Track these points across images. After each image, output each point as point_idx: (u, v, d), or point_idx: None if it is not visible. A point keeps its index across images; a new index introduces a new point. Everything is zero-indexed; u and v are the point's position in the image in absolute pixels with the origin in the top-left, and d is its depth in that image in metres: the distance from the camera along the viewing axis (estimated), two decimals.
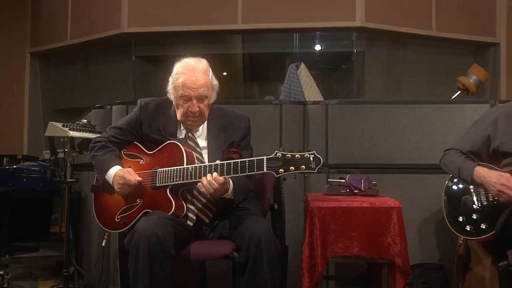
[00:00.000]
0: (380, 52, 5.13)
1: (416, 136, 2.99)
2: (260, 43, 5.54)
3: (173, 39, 5.19)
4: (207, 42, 5.40)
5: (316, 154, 1.97)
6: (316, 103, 3.11)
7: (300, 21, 4.75)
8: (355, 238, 2.12)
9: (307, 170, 1.96)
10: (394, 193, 2.98)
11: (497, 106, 2.44)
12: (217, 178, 2.06)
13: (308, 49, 5.40)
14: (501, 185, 2.11)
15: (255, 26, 4.84)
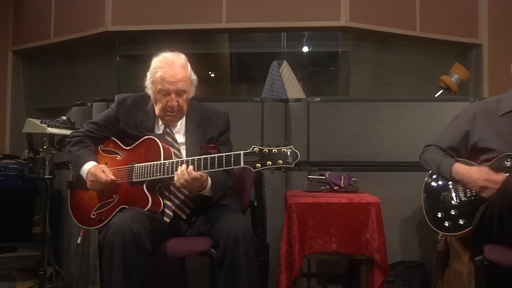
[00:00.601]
0: (365, 52, 5.14)
1: (398, 133, 2.99)
2: (247, 43, 5.52)
3: (157, 38, 5.14)
4: (194, 41, 5.37)
5: (293, 149, 1.95)
6: (297, 100, 3.10)
7: (285, 20, 4.74)
8: (333, 234, 2.10)
9: (284, 165, 1.94)
10: (376, 190, 2.96)
11: (475, 102, 2.45)
12: (190, 171, 2.03)
13: (295, 49, 5.39)
14: (484, 180, 2.10)
15: (240, 25, 4.83)
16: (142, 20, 4.93)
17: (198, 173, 2.04)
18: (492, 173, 2.09)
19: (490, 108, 2.30)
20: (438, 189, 2.33)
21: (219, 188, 2.22)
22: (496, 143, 2.20)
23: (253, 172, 2.50)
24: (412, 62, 5.29)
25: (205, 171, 2.06)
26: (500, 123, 2.24)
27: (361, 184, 2.93)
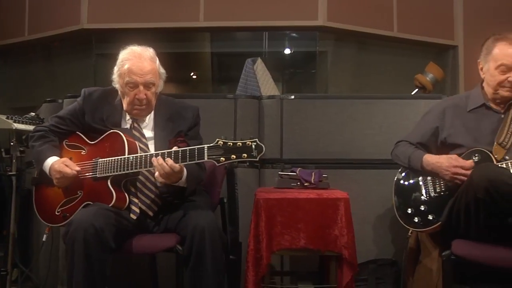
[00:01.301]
0: (344, 52, 5.15)
1: (371, 131, 2.98)
2: (228, 42, 5.49)
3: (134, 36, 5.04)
4: (173, 40, 5.31)
5: (258, 142, 1.91)
6: (271, 97, 3.07)
7: (263, 19, 4.72)
8: (301, 230, 2.07)
9: (248, 159, 1.90)
10: (349, 188, 2.93)
11: (445, 98, 2.45)
12: (172, 164, 1.98)
13: (276, 49, 5.37)
14: (454, 167, 2.10)
15: (217, 24, 4.79)
16: (119, 18, 4.86)
17: (179, 164, 1.99)
18: (460, 159, 2.10)
19: (458, 104, 2.31)
20: (408, 185, 2.33)
21: (193, 180, 2.18)
22: (464, 138, 2.20)
23: (223, 168, 2.49)
24: (390, 62, 5.31)
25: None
26: (468, 119, 2.25)
27: (335, 182, 2.91)
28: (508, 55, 2.12)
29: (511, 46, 2.13)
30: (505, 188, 1.78)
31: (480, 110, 2.25)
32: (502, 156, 2.11)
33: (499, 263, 1.89)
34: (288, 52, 5.50)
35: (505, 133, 2.14)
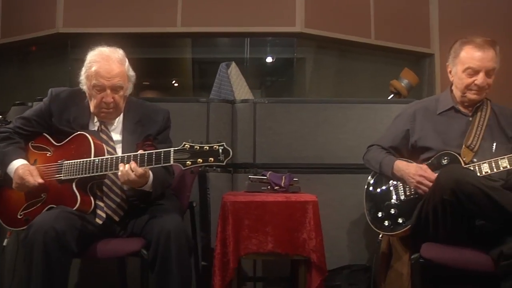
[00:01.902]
0: (322, 59, 5.15)
1: (345, 135, 2.97)
2: (209, 48, 5.45)
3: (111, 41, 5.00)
4: (154, 45, 5.27)
5: (226, 146, 1.88)
6: (244, 101, 3.04)
7: (240, 25, 4.70)
8: (269, 233, 2.04)
9: (215, 163, 1.87)
10: (323, 193, 2.92)
11: (415, 101, 2.45)
12: (136, 169, 1.94)
13: (258, 55, 5.35)
14: (420, 176, 2.09)
15: (195, 30, 4.76)
16: (95, 22, 4.80)
17: (143, 169, 1.95)
18: (428, 170, 2.09)
19: (428, 107, 2.31)
20: (379, 189, 2.32)
21: (159, 184, 2.14)
22: (434, 141, 2.20)
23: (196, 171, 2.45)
24: (368, 69, 5.33)
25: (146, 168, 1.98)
26: (438, 121, 2.25)
27: (308, 187, 2.88)
28: (475, 58, 2.13)
29: (477, 49, 2.13)
30: (470, 189, 1.77)
31: (449, 113, 2.26)
32: (470, 158, 2.11)
33: (467, 265, 1.89)
34: (269, 59, 5.50)
35: (473, 136, 2.15)
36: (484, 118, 2.19)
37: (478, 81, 2.13)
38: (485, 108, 2.23)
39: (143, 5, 4.78)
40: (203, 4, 4.75)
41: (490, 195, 1.76)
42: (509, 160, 1.98)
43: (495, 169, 2.00)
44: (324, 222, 2.88)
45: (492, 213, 1.79)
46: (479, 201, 1.77)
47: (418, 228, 2.04)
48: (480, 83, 2.12)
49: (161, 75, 6.30)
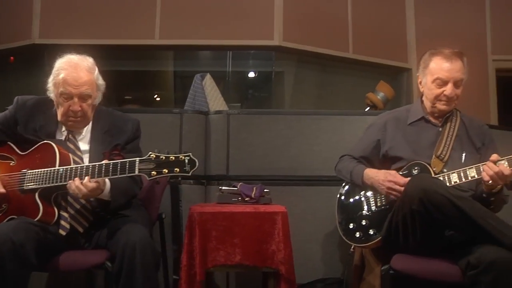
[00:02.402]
0: (300, 73, 5.16)
1: (319, 147, 2.96)
2: (191, 61, 5.43)
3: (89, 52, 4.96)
4: (135, 58, 5.22)
5: (192, 157, 1.86)
6: (218, 112, 3.02)
7: (217, 38, 4.70)
8: (237, 245, 1.99)
9: (181, 173, 1.84)
10: (297, 205, 2.92)
11: (387, 112, 2.44)
12: (86, 184, 1.90)
13: (238, 69, 5.34)
14: (389, 181, 2.08)
15: (172, 42, 4.74)
16: (72, 33, 4.74)
17: (94, 181, 1.90)
18: (398, 176, 2.07)
19: (399, 118, 2.30)
20: (350, 200, 2.30)
21: (121, 193, 2.08)
22: (404, 151, 2.19)
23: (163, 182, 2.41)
24: (348, 83, 5.35)
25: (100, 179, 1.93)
26: (409, 132, 2.24)
27: (282, 199, 2.85)
28: (443, 69, 2.14)
29: (445, 60, 2.14)
30: (438, 199, 1.76)
31: (419, 123, 2.26)
32: (440, 168, 2.11)
33: (436, 276, 1.86)
34: (251, 72, 5.49)
35: (443, 146, 2.14)
36: (454, 129, 2.20)
37: (446, 92, 2.13)
38: (455, 118, 2.24)
39: (121, 17, 4.75)
40: (182, 17, 4.75)
41: (457, 205, 1.75)
42: (476, 169, 1.97)
43: (463, 179, 1.99)
44: (298, 234, 2.86)
45: (459, 223, 1.78)
46: (447, 211, 1.76)
47: (389, 239, 2.01)
48: (448, 94, 2.13)
49: (143, 89, 6.25)
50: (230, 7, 4.78)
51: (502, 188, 1.99)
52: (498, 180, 1.89)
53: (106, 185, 2.01)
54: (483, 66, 5.16)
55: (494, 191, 1.98)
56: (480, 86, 5.12)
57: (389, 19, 5.23)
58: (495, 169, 1.88)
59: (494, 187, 1.96)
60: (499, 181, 1.90)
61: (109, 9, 4.79)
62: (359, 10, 5.07)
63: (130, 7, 4.79)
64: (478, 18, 5.19)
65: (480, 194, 2.04)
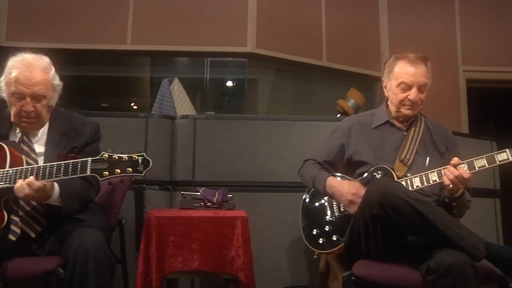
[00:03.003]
0: (274, 80, 5.13)
1: (287, 153, 2.92)
2: (169, 67, 5.36)
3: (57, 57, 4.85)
4: (108, 64, 5.13)
5: (146, 156, 1.80)
6: (184, 117, 2.96)
7: (190, 44, 4.64)
8: (195, 251, 1.93)
9: (134, 173, 1.78)
10: (264, 212, 2.87)
11: (352, 116, 2.42)
12: (32, 182, 1.81)
13: (216, 75, 5.28)
14: (352, 194, 2.04)
15: (144, 48, 4.66)
16: (40, 37, 4.64)
17: (41, 182, 1.83)
18: (361, 188, 2.03)
19: (364, 122, 2.28)
20: (314, 205, 2.26)
21: (73, 197, 2.01)
22: (368, 156, 2.16)
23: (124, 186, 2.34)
24: (322, 91, 5.34)
25: (51, 180, 1.85)
26: (373, 136, 2.21)
27: (249, 205, 2.80)
28: (407, 73, 2.12)
29: (410, 64, 2.13)
30: (397, 202, 1.72)
31: (384, 127, 2.23)
32: (404, 173, 2.08)
33: (398, 282, 1.82)
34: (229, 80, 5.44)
35: (407, 150, 2.12)
36: (418, 133, 2.18)
37: (411, 96, 2.11)
38: (419, 123, 2.22)
39: (93, 21, 4.66)
40: (154, 23, 4.68)
41: (417, 209, 1.71)
42: (438, 173, 1.95)
43: (425, 183, 1.97)
44: (265, 241, 2.82)
45: (420, 227, 1.74)
46: (407, 215, 1.72)
47: (352, 245, 1.97)
48: (413, 98, 2.11)
49: (120, 96, 6.15)
50: (204, 13, 4.74)
51: (463, 193, 1.97)
52: (458, 184, 1.87)
53: (54, 189, 1.93)
54: (455, 76, 5.22)
55: (456, 195, 1.95)
56: (452, 95, 5.17)
57: (363, 29, 5.25)
58: (455, 173, 1.86)
59: (456, 191, 1.94)
60: (459, 185, 1.88)
61: (80, 13, 4.69)
62: (333, 19, 5.08)
63: (102, 11, 4.71)
64: (449, 30, 5.26)
65: (443, 199, 2.03)
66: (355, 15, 5.25)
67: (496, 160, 1.84)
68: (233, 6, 4.72)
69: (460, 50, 5.23)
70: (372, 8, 5.35)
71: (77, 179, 1.91)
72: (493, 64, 5.18)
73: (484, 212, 3.41)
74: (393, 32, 5.30)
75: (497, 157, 1.84)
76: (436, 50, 5.17)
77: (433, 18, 5.28)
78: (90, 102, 6.43)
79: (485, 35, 5.21)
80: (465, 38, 5.23)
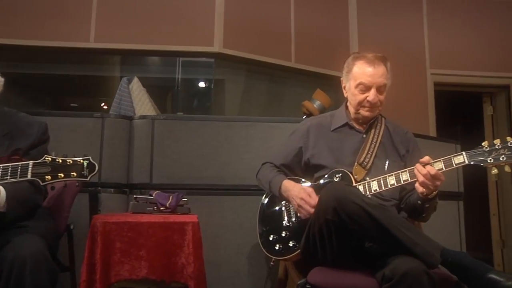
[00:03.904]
0: (242, 81, 5.04)
1: (249, 155, 2.84)
2: (140, 67, 5.22)
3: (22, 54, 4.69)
4: (79, 62, 4.96)
5: (91, 160, 1.70)
6: (142, 117, 2.85)
7: (155, 43, 4.53)
8: (143, 258, 1.83)
9: (78, 178, 1.68)
10: (224, 216, 2.79)
11: (311, 117, 2.34)
12: None
13: (190, 76, 5.17)
14: (301, 199, 1.97)
15: (108, 46, 4.52)
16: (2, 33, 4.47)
17: None
18: (313, 193, 1.95)
19: (323, 124, 2.20)
20: (271, 210, 2.18)
21: (19, 203, 1.88)
22: (326, 159, 2.09)
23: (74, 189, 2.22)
24: (292, 92, 5.28)
25: None
26: (332, 138, 2.14)
27: (208, 209, 2.73)
28: (366, 74, 2.05)
29: (368, 65, 2.06)
30: (352, 207, 1.65)
31: (343, 130, 2.16)
32: (363, 176, 2.01)
33: None
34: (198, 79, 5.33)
35: (366, 153, 2.06)
36: (378, 136, 2.11)
37: (369, 98, 2.04)
38: (379, 125, 2.15)
39: (53, 18, 4.50)
40: (118, 20, 4.55)
41: (371, 214, 1.64)
42: (396, 177, 1.89)
43: (383, 187, 1.91)
44: (225, 246, 2.74)
45: (374, 233, 1.67)
46: (362, 221, 1.66)
47: (308, 252, 1.90)
48: (371, 100, 2.04)
49: (90, 96, 5.98)
50: (171, 12, 4.63)
51: (437, 194, 1.90)
52: (428, 183, 1.79)
53: (0, 194, 1.80)
54: (423, 79, 5.23)
55: (430, 197, 1.88)
56: (420, 98, 5.18)
57: (333, 30, 5.21)
58: (423, 171, 1.79)
59: (430, 193, 1.87)
60: (430, 184, 1.80)
61: (41, 10, 4.54)
62: (303, 20, 5.03)
63: (65, 8, 4.56)
64: (418, 33, 5.27)
65: (414, 202, 1.95)
66: (325, 16, 5.21)
67: (453, 163, 1.79)
68: (200, 5, 4.62)
69: (428, 53, 5.25)
70: (342, 10, 5.32)
71: (24, 182, 1.79)
72: (461, 68, 5.22)
73: (447, 215, 3.39)
74: (362, 34, 5.28)
75: (454, 160, 1.79)
76: (405, 53, 5.19)
77: (402, 21, 5.29)
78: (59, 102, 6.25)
79: (453, 38, 5.25)
80: (433, 41, 5.25)
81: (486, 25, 5.29)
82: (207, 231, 2.72)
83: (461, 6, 5.33)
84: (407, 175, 1.87)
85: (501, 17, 5.33)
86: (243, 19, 4.74)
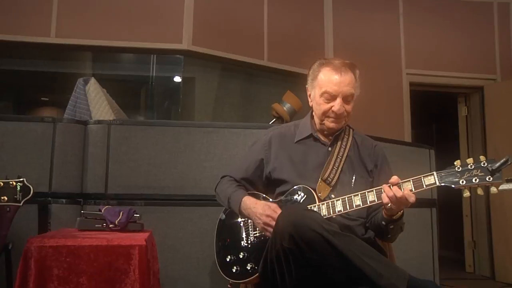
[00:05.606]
0: (211, 79, 4.86)
1: (210, 163, 2.67)
2: (112, 64, 5.00)
3: None
4: (49, 58, 4.72)
5: (26, 183, 1.54)
6: (98, 122, 2.66)
7: (121, 39, 4.32)
8: (84, 285, 1.65)
9: (9, 203, 1.51)
10: (184, 228, 2.64)
11: (273, 127, 2.17)
12: None
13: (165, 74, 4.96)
14: (267, 216, 1.80)
15: (69, 41, 4.29)
16: None
17: None
18: (278, 210, 1.79)
19: (286, 134, 2.04)
20: (229, 227, 2.02)
21: None
22: (289, 173, 1.93)
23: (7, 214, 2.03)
24: (263, 92, 5.12)
25: None
26: (295, 151, 1.98)
27: (167, 221, 2.57)
28: (332, 82, 1.88)
29: (335, 72, 1.89)
30: (310, 235, 1.50)
31: (307, 142, 1.99)
32: (327, 193, 1.86)
33: None
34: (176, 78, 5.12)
35: (331, 168, 1.90)
36: (345, 149, 1.96)
37: (335, 108, 1.88)
38: (346, 137, 1.99)
39: (12, 11, 4.26)
40: (81, 15, 4.33)
41: (332, 242, 1.49)
42: (362, 197, 1.74)
43: (348, 207, 1.75)
44: (184, 260, 2.58)
45: (335, 263, 1.52)
46: (321, 249, 1.50)
47: (266, 277, 1.74)
48: (337, 110, 1.88)
49: (62, 92, 5.74)
50: (139, 8, 4.43)
51: (402, 214, 1.77)
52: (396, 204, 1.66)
53: None
54: (398, 78, 5.14)
55: (395, 217, 1.75)
56: (395, 98, 5.09)
57: (307, 29, 5.08)
58: (390, 193, 1.65)
59: (395, 213, 1.74)
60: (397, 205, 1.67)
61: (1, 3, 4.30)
62: (276, 18, 4.88)
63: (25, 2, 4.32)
64: (393, 33, 5.18)
65: (379, 222, 1.82)
66: (300, 14, 5.07)
67: (423, 184, 1.65)
68: (169, 1, 4.43)
69: (403, 53, 5.16)
70: (317, 8, 5.19)
71: None
72: (436, 68, 5.14)
73: (420, 223, 3.29)
74: (338, 33, 5.16)
75: (424, 181, 1.65)
76: (380, 52, 5.10)
77: (377, 20, 5.19)
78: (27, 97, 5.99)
79: (429, 39, 5.17)
80: (409, 41, 5.17)
81: (462, 26, 5.24)
82: (165, 244, 2.56)
83: (437, 6, 5.25)
84: (373, 195, 1.72)
85: (477, 19, 5.27)
86: (214, 15, 4.57)
